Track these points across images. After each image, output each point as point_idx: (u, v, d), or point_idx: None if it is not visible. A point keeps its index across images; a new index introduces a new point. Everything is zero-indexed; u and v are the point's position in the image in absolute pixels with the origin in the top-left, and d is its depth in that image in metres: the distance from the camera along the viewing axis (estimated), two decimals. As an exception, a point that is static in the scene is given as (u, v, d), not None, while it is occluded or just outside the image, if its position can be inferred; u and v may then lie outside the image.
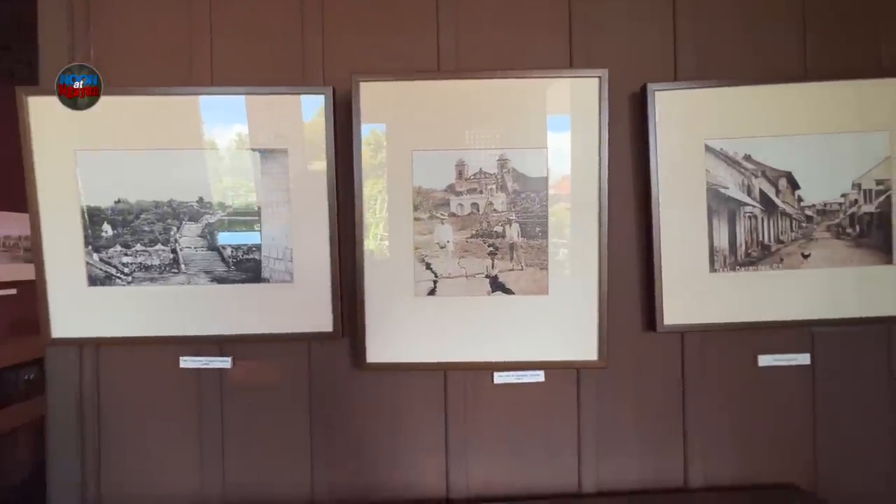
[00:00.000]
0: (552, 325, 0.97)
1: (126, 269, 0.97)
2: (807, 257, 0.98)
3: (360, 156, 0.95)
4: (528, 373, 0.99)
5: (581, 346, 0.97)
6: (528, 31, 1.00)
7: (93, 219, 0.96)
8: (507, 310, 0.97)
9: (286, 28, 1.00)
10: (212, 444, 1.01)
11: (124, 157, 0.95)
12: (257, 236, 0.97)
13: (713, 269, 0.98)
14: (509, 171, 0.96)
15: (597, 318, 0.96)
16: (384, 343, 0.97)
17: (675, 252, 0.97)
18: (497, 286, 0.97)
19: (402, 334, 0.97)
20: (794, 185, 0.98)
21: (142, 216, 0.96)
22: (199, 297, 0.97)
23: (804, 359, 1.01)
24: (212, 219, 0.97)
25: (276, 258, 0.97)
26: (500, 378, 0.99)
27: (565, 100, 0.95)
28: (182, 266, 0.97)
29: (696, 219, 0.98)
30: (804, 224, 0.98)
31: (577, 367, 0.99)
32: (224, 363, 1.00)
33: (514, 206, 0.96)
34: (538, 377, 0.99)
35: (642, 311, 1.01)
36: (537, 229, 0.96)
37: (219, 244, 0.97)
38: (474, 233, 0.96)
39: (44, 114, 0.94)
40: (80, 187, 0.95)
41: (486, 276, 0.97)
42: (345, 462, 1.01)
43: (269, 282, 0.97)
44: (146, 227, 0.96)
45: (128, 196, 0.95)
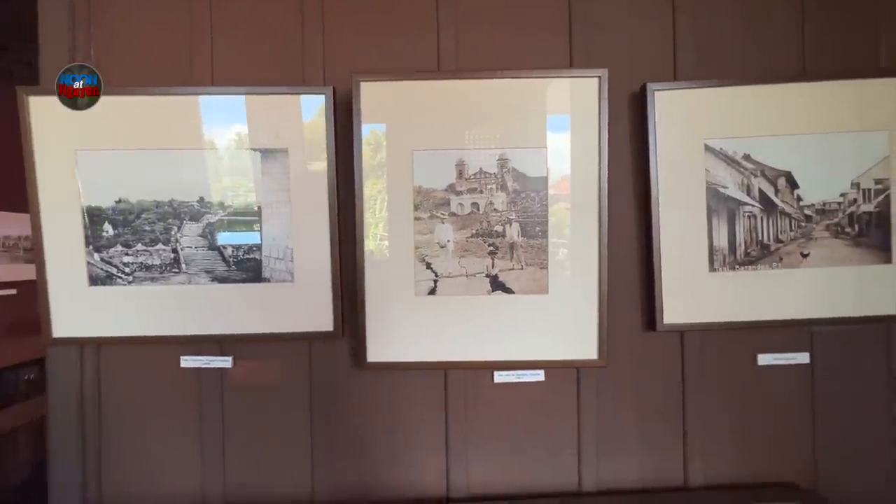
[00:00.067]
0: (552, 324, 0.97)
1: (127, 269, 0.97)
2: (806, 256, 0.99)
3: (360, 156, 0.95)
4: (529, 372, 0.99)
5: (581, 345, 0.97)
6: (528, 31, 1.01)
7: (93, 218, 0.96)
8: (508, 309, 0.97)
9: (286, 28, 1.00)
10: (212, 443, 1.01)
11: (125, 156, 0.95)
12: (258, 236, 0.97)
13: (713, 269, 0.98)
14: (509, 171, 0.96)
15: (597, 318, 0.96)
16: (385, 342, 0.97)
17: (674, 251, 0.98)
18: (497, 285, 0.97)
19: (402, 334, 0.97)
20: (793, 184, 0.98)
21: (142, 216, 0.96)
22: (199, 296, 0.97)
23: (803, 358, 1.01)
24: (212, 218, 0.97)
25: (277, 258, 0.97)
26: (500, 377, 0.99)
27: (565, 100, 0.95)
28: (183, 266, 0.97)
29: (695, 218, 0.98)
30: (803, 223, 0.98)
31: (577, 367, 1.00)
32: (225, 363, 1.00)
33: (514, 206, 0.96)
34: (538, 376, 0.99)
35: (642, 310, 1.01)
36: (537, 229, 0.96)
37: (219, 244, 0.97)
38: (474, 232, 0.97)
39: (44, 114, 0.94)
40: (81, 187, 0.95)
41: (487, 276, 0.97)
42: (345, 461, 1.01)
43: (269, 281, 0.98)
44: (147, 227, 0.96)
45: (128, 196, 0.96)
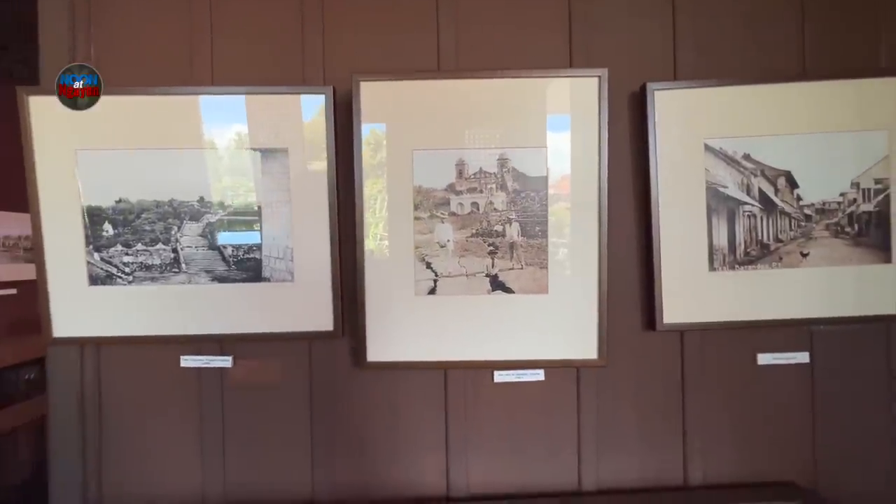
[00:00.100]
0: (552, 323, 0.97)
1: (127, 269, 0.97)
2: (806, 256, 0.99)
3: (360, 155, 0.95)
4: (528, 371, 0.99)
5: (581, 344, 0.97)
6: (528, 30, 1.01)
7: (93, 218, 0.96)
8: (508, 309, 0.97)
9: (286, 28, 1.00)
10: (212, 442, 1.01)
11: (125, 156, 0.95)
12: (258, 236, 0.97)
13: (712, 268, 0.98)
14: (509, 171, 0.96)
15: (596, 317, 0.96)
16: (384, 342, 0.97)
17: (674, 251, 0.98)
18: (497, 285, 0.97)
19: (402, 333, 0.97)
20: (793, 183, 0.98)
21: (143, 216, 0.96)
22: (199, 296, 0.97)
23: (803, 357, 1.01)
24: (212, 218, 0.97)
25: (277, 257, 0.97)
26: (500, 377, 0.99)
27: (565, 99, 0.95)
28: (183, 265, 0.97)
29: (695, 218, 0.98)
30: (803, 223, 0.98)
31: (576, 366, 1.00)
32: (225, 362, 1.00)
33: (514, 206, 0.96)
34: (538, 376, 0.99)
35: (642, 309, 1.01)
36: (537, 228, 0.96)
37: (219, 243, 0.97)
38: (474, 232, 0.97)
39: (45, 114, 0.94)
40: (81, 187, 0.95)
41: (487, 275, 0.97)
42: (345, 460, 1.01)
43: (269, 281, 0.98)
44: (147, 227, 0.96)
45: (129, 195, 0.96)
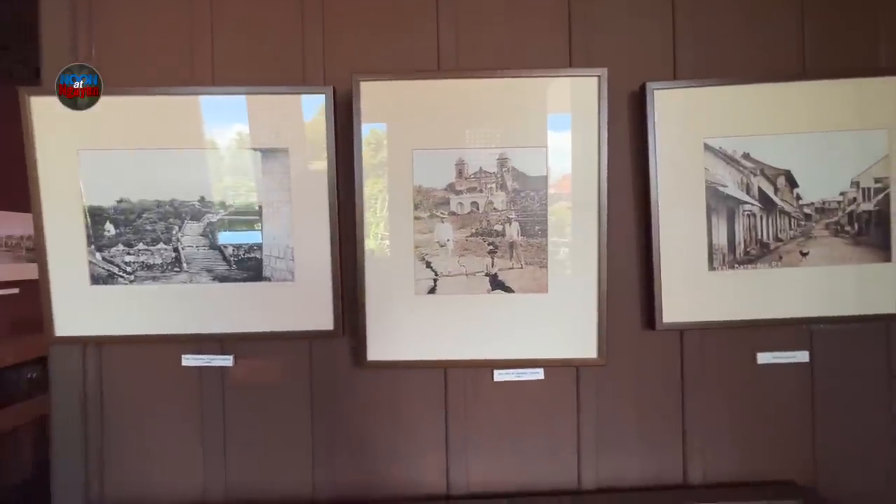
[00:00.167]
0: (552, 323, 0.97)
1: (128, 268, 0.97)
2: (805, 255, 0.99)
3: (360, 155, 0.95)
4: (528, 370, 0.99)
5: (581, 343, 0.97)
6: (527, 30, 1.01)
7: (95, 218, 0.96)
8: (507, 308, 0.97)
9: (287, 28, 1.00)
10: (214, 441, 1.01)
11: (126, 156, 0.95)
12: (258, 235, 0.97)
13: (712, 268, 0.98)
14: (509, 170, 0.96)
15: (596, 316, 0.96)
16: (385, 341, 0.98)
17: (674, 250, 0.98)
18: (497, 284, 0.97)
19: (402, 332, 0.98)
20: (792, 183, 0.98)
21: (144, 215, 0.96)
22: (200, 295, 0.98)
23: (803, 356, 1.01)
24: (213, 218, 0.97)
25: (278, 257, 0.98)
26: (500, 376, 1.00)
27: (565, 99, 0.96)
28: (184, 265, 0.98)
29: (695, 217, 0.98)
30: (803, 222, 0.98)
31: (576, 365, 1.00)
32: (226, 361, 1.00)
33: (513, 205, 0.96)
34: (538, 375, 1.00)
35: (642, 309, 1.02)
36: (537, 228, 0.96)
37: (220, 243, 0.97)
38: (474, 231, 0.97)
39: (46, 114, 0.94)
40: (83, 187, 0.95)
41: (486, 275, 0.97)
42: (346, 459, 1.01)
43: (270, 280, 0.98)
44: (148, 227, 0.96)
45: (130, 195, 0.96)
